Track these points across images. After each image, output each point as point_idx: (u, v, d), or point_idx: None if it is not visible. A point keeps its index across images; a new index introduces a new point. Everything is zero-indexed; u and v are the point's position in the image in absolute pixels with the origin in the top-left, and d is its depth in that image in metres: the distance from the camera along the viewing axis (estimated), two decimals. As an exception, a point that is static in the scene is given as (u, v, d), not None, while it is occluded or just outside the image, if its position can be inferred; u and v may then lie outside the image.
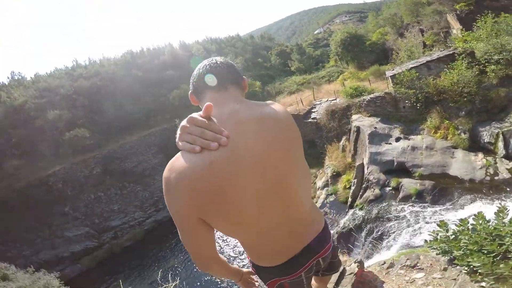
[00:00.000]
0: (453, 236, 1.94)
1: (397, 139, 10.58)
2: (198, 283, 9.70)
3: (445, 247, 1.92)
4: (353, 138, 12.02)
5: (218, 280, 8.17)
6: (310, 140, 14.21)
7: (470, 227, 1.91)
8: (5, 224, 12.43)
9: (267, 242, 0.97)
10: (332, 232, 6.62)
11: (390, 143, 10.46)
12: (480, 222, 1.86)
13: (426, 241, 2.11)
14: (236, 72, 1.02)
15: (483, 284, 1.58)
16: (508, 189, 7.00)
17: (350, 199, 9.84)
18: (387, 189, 8.94)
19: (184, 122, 0.85)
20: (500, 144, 8.14)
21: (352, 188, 10.22)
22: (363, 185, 9.78)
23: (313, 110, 15.07)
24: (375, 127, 11.22)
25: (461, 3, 15.22)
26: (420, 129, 10.82)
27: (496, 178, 7.41)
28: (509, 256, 1.56)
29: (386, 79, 14.23)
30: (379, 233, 7.70)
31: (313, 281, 1.35)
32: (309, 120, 14.66)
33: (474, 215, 1.95)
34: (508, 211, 1.88)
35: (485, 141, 8.72)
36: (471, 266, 1.68)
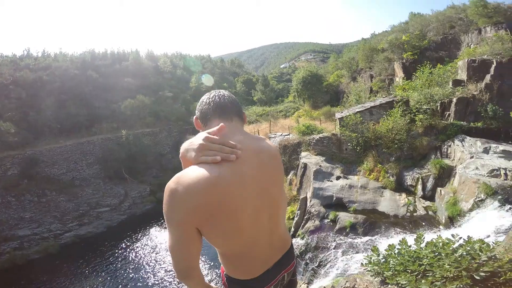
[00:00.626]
0: (384, 259, 2.29)
1: (338, 178, 11.35)
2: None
3: (377, 269, 2.24)
4: (300, 173, 12.56)
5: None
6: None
7: (397, 251, 2.29)
8: None
9: (251, 252, 1.07)
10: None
11: (331, 181, 11.18)
12: (404, 247, 2.28)
13: (362, 263, 2.43)
14: (239, 106, 1.19)
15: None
16: (423, 223, 8.05)
17: (293, 229, 10.23)
18: (326, 221, 9.47)
19: (201, 141, 0.97)
20: (419, 187, 9.38)
21: (296, 218, 10.58)
22: (305, 217, 10.25)
23: (271, 137, 15.49)
24: (320, 166, 11.88)
25: (408, 52, 17.32)
26: (357, 170, 11.64)
27: (414, 214, 8.55)
28: (428, 274, 1.91)
29: (335, 121, 15.13)
30: (319, 260, 8.11)
31: None
32: None
33: (399, 241, 2.34)
34: (424, 238, 2.30)
35: (408, 183, 9.89)
36: (400, 284, 1.96)
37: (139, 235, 12.16)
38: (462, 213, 7.26)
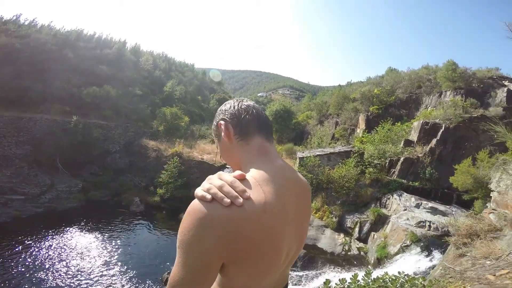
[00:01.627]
0: None
1: (286, 214, 11.54)
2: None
3: (329, 301, 2.35)
4: (254, 205, 12.54)
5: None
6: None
7: (347, 285, 2.40)
8: None
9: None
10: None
11: (279, 216, 11.44)
12: (355, 281, 2.41)
13: None
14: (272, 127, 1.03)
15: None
16: (355, 262, 8.82)
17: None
18: (269, 254, 9.62)
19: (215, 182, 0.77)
20: (357, 229, 10.23)
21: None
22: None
23: (227, 166, 14.99)
24: (273, 201, 12.12)
25: (375, 106, 18.35)
26: None
27: (349, 253, 9.29)
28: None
29: (295, 159, 15.41)
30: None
31: None
32: None
33: (351, 277, 2.46)
34: (372, 272, 2.47)
35: (347, 225, 10.69)
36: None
37: (53, 234, 10.48)
38: (389, 256, 8.11)
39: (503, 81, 14.59)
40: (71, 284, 8.06)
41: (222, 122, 0.93)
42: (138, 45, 38.69)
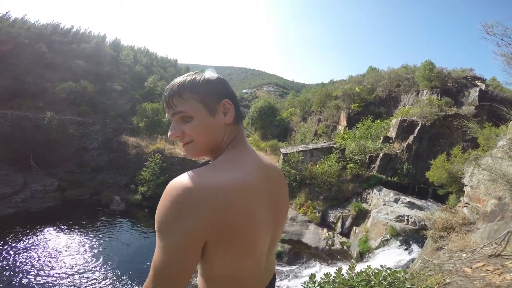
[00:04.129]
0: (319, 286, 2.45)
1: (270, 210, 11.64)
2: None
3: (314, 296, 2.42)
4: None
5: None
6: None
7: (332, 279, 2.47)
8: None
9: (252, 276, 0.88)
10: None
11: (264, 211, 11.53)
12: (339, 275, 2.49)
13: None
14: None
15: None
16: (338, 256, 9.09)
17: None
18: (254, 250, 9.72)
19: None
20: (339, 224, 10.39)
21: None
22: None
23: (210, 161, 14.88)
24: (256, 197, 12.21)
25: (356, 104, 18.73)
26: (290, 203, 12.10)
27: (332, 248, 9.49)
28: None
29: (279, 155, 15.52)
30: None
31: None
32: None
33: (335, 271, 2.54)
34: (356, 266, 2.59)
35: (330, 220, 10.85)
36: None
37: (28, 235, 9.93)
38: (370, 250, 8.25)
39: (476, 81, 15.35)
40: (48, 286, 7.70)
41: (228, 100, 0.86)
42: (118, 39, 37.33)
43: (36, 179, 13.16)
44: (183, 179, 0.71)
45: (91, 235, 10.67)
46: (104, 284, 8.02)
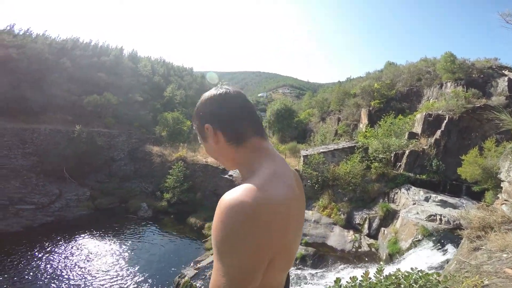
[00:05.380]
0: None
1: (293, 212, 11.64)
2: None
3: (340, 300, 2.34)
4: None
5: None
6: (221, 194, 13.99)
7: (358, 283, 2.38)
8: None
9: (279, 284, 0.83)
10: None
11: (287, 214, 11.56)
12: (366, 279, 2.38)
13: None
14: None
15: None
16: (366, 259, 8.73)
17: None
18: (279, 252, 9.73)
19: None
20: (366, 226, 10.12)
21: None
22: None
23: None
24: (278, 200, 12.25)
25: (376, 100, 18.20)
26: (313, 205, 12.06)
27: (359, 250, 9.21)
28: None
29: (299, 157, 15.40)
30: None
31: None
32: (226, 176, 14.85)
33: (362, 274, 2.43)
34: (384, 269, 2.43)
35: (356, 222, 10.57)
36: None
37: (64, 242, 10.55)
38: (401, 251, 7.91)
39: (503, 71, 14.49)
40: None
41: (208, 125, 0.83)
42: (135, 51, 38.68)
43: (69, 189, 13.99)
44: (242, 194, 0.67)
45: (122, 241, 11.15)
46: (138, 283, 8.40)
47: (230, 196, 0.67)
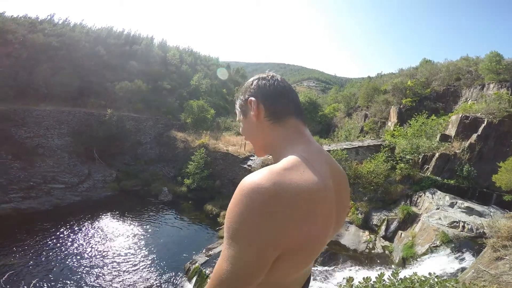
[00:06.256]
0: None
1: (310, 209, 11.53)
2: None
3: (351, 300, 2.29)
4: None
5: None
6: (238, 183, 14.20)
7: (371, 284, 2.32)
8: None
9: (297, 280, 0.83)
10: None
11: (303, 211, 11.48)
12: (380, 280, 2.32)
13: None
14: None
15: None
16: (378, 261, 8.52)
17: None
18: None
19: None
20: (383, 227, 9.81)
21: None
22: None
23: (251, 158, 15.22)
24: (296, 193, 12.12)
25: (408, 99, 17.29)
26: None
27: (372, 251, 8.98)
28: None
29: None
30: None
31: None
32: (245, 165, 14.88)
33: (376, 276, 2.35)
34: (400, 272, 2.35)
35: (373, 223, 10.28)
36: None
37: (89, 221, 11.19)
38: (415, 256, 7.67)
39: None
40: (102, 265, 8.68)
41: (252, 98, 0.84)
42: (164, 40, 39.67)
43: (98, 170, 14.88)
44: (263, 178, 0.63)
45: (141, 223, 11.71)
46: (147, 267, 8.80)
47: (249, 179, 0.64)
